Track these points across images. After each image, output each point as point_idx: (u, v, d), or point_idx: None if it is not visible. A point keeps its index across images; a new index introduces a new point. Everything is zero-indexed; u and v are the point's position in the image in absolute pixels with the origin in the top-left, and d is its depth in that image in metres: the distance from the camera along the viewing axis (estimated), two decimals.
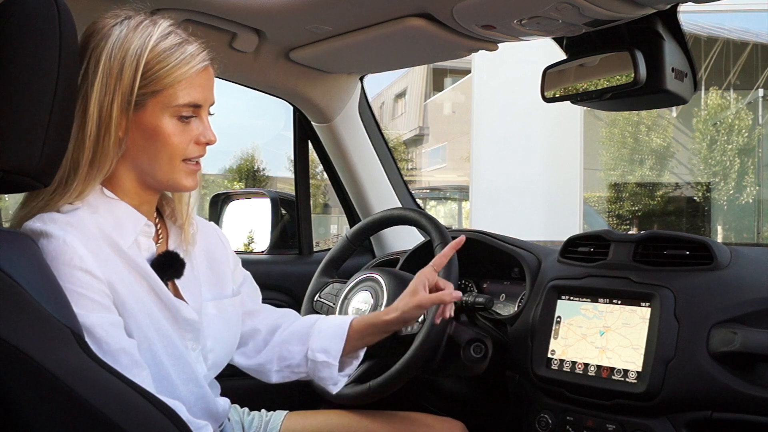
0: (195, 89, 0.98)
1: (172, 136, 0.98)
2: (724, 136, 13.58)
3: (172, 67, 0.96)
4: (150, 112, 0.97)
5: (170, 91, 0.96)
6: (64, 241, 0.89)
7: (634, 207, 14.66)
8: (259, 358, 1.22)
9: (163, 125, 0.97)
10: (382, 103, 24.12)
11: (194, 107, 0.99)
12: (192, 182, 1.02)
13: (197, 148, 1.01)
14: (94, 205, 0.97)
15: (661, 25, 1.22)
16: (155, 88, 0.96)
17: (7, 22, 0.76)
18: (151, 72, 0.95)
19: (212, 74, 1.03)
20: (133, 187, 1.01)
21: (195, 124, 1.00)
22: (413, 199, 2.04)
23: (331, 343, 1.19)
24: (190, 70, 0.97)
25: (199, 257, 1.12)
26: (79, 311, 0.85)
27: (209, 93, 1.01)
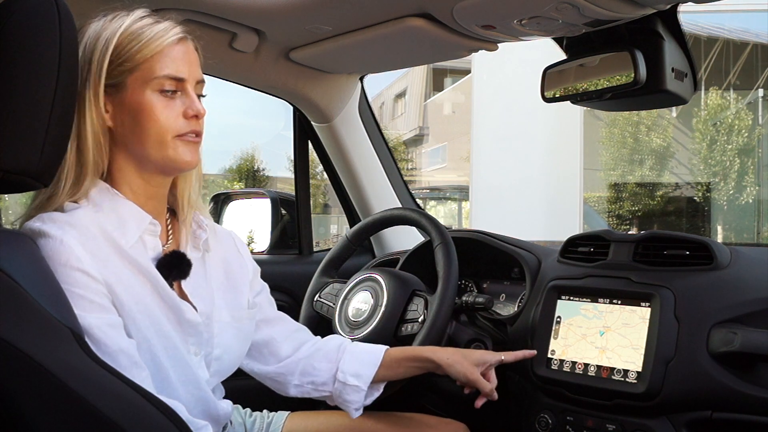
0: (172, 61, 0.97)
1: (156, 111, 0.96)
2: (724, 136, 13.59)
3: (145, 41, 0.96)
4: (131, 90, 0.96)
5: (146, 65, 0.96)
6: (62, 242, 0.89)
7: (634, 207, 14.66)
8: (279, 367, 1.21)
9: (145, 101, 0.96)
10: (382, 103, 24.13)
11: (176, 80, 0.97)
12: (190, 156, 0.99)
13: (187, 122, 0.98)
14: (98, 203, 0.97)
15: (661, 25, 1.22)
16: (131, 65, 0.96)
17: (7, 22, 0.76)
18: (124, 51, 0.96)
19: (191, 49, 1.01)
20: (135, 179, 1.00)
21: (181, 99, 0.98)
22: (413, 199, 2.04)
23: (364, 369, 1.19)
24: (163, 42, 0.96)
25: (215, 264, 1.11)
26: (78, 312, 0.84)
27: (190, 67, 0.99)
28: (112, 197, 0.98)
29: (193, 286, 1.04)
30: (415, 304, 1.36)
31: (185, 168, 1.01)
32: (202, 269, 1.08)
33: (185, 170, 1.02)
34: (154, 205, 1.02)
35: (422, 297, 1.35)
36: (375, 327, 1.35)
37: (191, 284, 1.04)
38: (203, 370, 1.04)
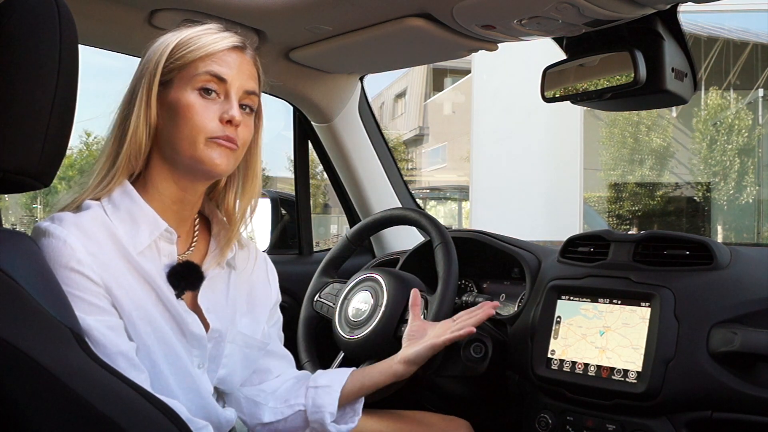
0: (218, 63, 0.98)
1: (192, 110, 0.96)
2: (724, 136, 13.58)
3: (199, 44, 0.98)
4: (175, 88, 0.98)
5: (194, 64, 0.97)
6: (64, 242, 0.89)
7: (634, 207, 14.66)
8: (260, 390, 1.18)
9: (184, 98, 0.97)
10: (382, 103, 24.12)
11: (218, 80, 0.97)
12: (219, 159, 0.97)
13: (221, 126, 0.97)
14: (117, 203, 0.97)
15: (661, 25, 1.22)
16: (181, 63, 0.97)
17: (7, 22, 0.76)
18: (179, 51, 0.98)
19: (246, 59, 1.01)
20: (165, 181, 1.00)
21: (220, 104, 0.98)
22: (413, 199, 2.04)
23: (336, 375, 1.18)
24: (216, 45, 0.98)
25: (240, 285, 1.10)
26: (77, 313, 0.84)
27: (237, 73, 0.99)
28: (131, 200, 0.98)
29: (212, 302, 1.04)
30: None
31: (214, 171, 0.99)
32: (224, 286, 1.07)
33: (215, 174, 1.00)
34: (177, 210, 1.02)
35: (422, 297, 1.35)
36: (375, 327, 1.35)
37: (210, 300, 1.04)
38: (206, 383, 1.03)
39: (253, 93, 1.02)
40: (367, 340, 1.35)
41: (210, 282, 1.04)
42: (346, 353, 1.43)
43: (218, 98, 0.98)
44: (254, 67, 1.03)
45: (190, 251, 1.05)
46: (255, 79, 1.03)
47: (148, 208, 0.98)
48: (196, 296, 1.02)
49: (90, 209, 0.95)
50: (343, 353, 1.45)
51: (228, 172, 1.01)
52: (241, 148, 1.00)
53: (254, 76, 1.03)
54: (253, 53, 1.05)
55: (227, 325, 1.05)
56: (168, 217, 1.00)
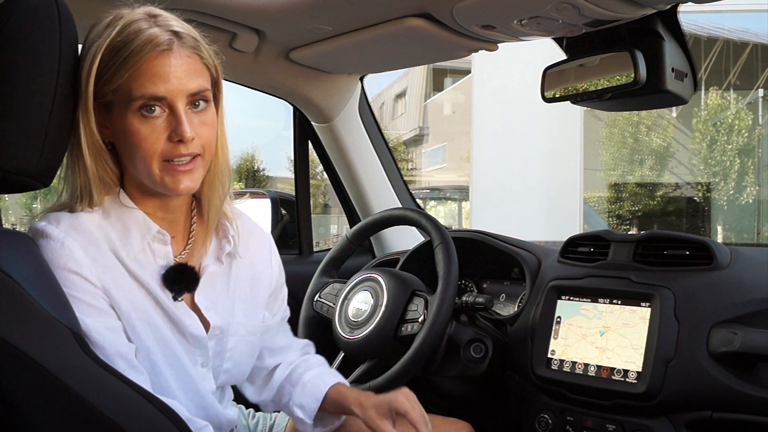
0: (149, 80, 0.88)
1: (138, 136, 0.89)
2: (724, 136, 13.58)
3: (123, 59, 0.88)
4: (117, 111, 0.91)
5: (125, 85, 0.88)
6: (63, 244, 0.88)
7: (634, 207, 14.66)
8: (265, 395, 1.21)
9: (127, 124, 0.90)
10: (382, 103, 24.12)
11: (156, 100, 0.89)
12: (179, 184, 0.92)
13: (173, 146, 0.91)
14: (107, 210, 0.95)
15: (661, 25, 1.22)
16: (113, 86, 0.89)
17: (7, 22, 0.76)
18: (106, 69, 0.89)
19: (179, 57, 0.90)
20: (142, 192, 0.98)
21: (167, 120, 0.90)
22: (413, 199, 2.04)
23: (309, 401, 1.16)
24: (141, 59, 0.88)
25: (241, 273, 1.08)
26: (76, 314, 0.84)
27: (174, 80, 0.89)
28: (120, 206, 0.96)
29: (211, 300, 1.03)
30: (415, 304, 1.35)
31: (180, 194, 0.95)
32: (224, 280, 1.06)
33: (179, 195, 0.96)
34: (164, 214, 1.00)
35: (422, 297, 1.35)
36: (375, 327, 1.35)
37: (209, 298, 1.03)
38: (209, 381, 1.03)
39: (200, 92, 0.92)
40: (367, 340, 1.35)
41: (209, 278, 1.03)
42: (346, 353, 1.43)
43: (163, 111, 0.90)
44: (192, 56, 0.92)
45: (186, 251, 1.03)
46: (198, 72, 0.93)
47: (137, 211, 0.97)
48: (194, 295, 1.02)
49: (86, 213, 0.94)
50: (343, 353, 1.44)
51: (194, 189, 0.96)
52: (206, 152, 0.95)
53: (196, 70, 0.92)
54: (184, 37, 0.92)
55: (227, 320, 1.04)
56: (158, 220, 0.98)
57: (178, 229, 1.03)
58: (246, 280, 1.09)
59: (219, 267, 1.05)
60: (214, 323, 1.02)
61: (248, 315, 1.08)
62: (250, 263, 1.11)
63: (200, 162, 0.95)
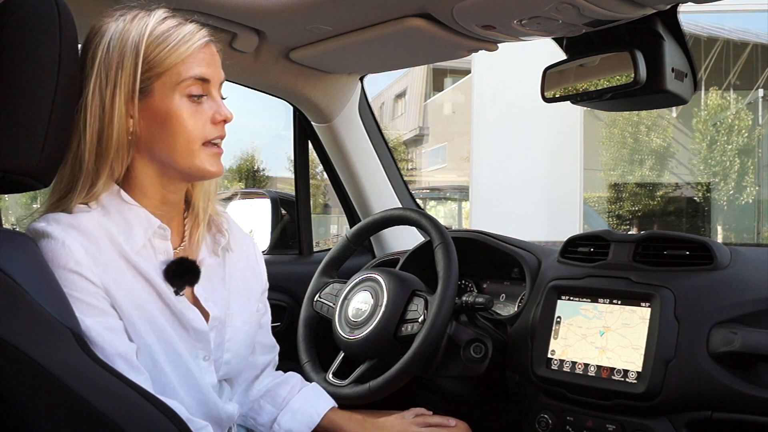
0: (199, 64, 0.97)
1: (186, 117, 0.95)
2: (724, 136, 13.59)
3: (172, 46, 0.95)
4: (158, 96, 0.95)
5: (174, 69, 0.95)
6: (63, 244, 0.89)
7: (634, 207, 14.66)
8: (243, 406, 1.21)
9: (174, 107, 0.95)
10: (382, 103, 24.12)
11: (202, 82, 0.97)
12: (216, 167, 0.99)
13: (215, 128, 0.98)
14: (107, 207, 0.96)
15: (661, 25, 1.22)
16: (159, 70, 0.95)
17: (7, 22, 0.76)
18: (152, 55, 0.94)
19: (215, 52, 1.01)
20: (152, 184, 0.99)
21: (208, 104, 0.98)
22: (413, 199, 2.04)
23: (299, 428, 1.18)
24: (191, 46, 0.96)
25: (235, 267, 1.11)
26: (77, 315, 0.84)
27: (215, 69, 1.00)
28: (120, 202, 0.97)
29: (209, 291, 1.04)
30: (415, 304, 1.35)
31: (210, 177, 1.01)
32: (220, 273, 1.08)
33: (210, 179, 1.02)
34: (166, 209, 1.02)
35: (422, 297, 1.35)
36: (375, 327, 1.35)
37: (207, 289, 1.04)
38: (211, 375, 1.03)
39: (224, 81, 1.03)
40: (367, 340, 1.35)
41: (206, 270, 1.05)
42: (346, 353, 1.43)
43: (204, 99, 0.98)
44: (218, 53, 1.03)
45: (183, 245, 1.05)
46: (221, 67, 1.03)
47: (138, 207, 0.98)
48: (193, 288, 1.03)
49: (85, 212, 0.94)
50: (343, 353, 1.45)
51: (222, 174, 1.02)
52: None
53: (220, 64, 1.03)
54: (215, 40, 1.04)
55: (225, 311, 1.06)
56: (157, 215, 1.00)
57: (174, 225, 1.05)
58: (240, 273, 1.12)
59: (215, 260, 1.07)
60: (213, 314, 1.03)
61: (243, 306, 1.10)
62: (243, 257, 1.14)
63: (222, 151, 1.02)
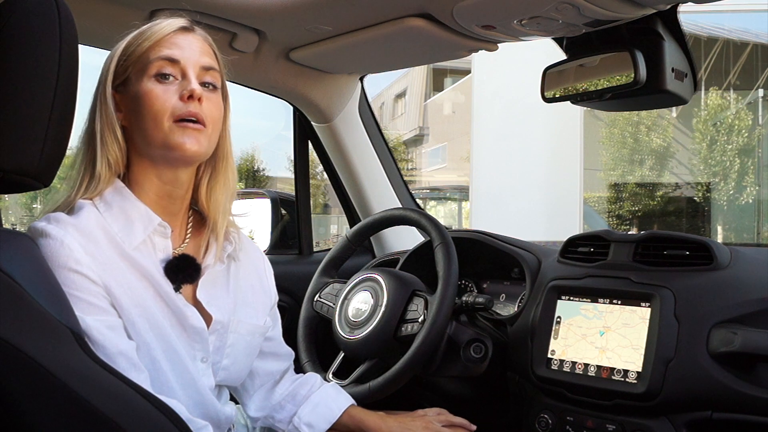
0: (167, 46, 0.98)
1: (152, 95, 0.96)
2: (724, 136, 13.58)
3: (146, 35, 0.99)
4: (133, 82, 0.98)
5: (144, 55, 0.98)
6: (62, 243, 0.89)
7: (634, 207, 14.66)
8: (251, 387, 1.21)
9: (143, 89, 0.97)
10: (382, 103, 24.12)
11: (170, 62, 0.97)
12: (189, 142, 0.97)
13: (184, 104, 0.97)
14: (109, 202, 0.97)
15: (661, 25, 1.22)
16: (133, 59, 0.98)
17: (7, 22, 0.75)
18: (129, 48, 0.99)
19: (196, 38, 1.02)
20: (148, 178, 1.00)
21: (179, 84, 0.98)
22: (413, 199, 2.04)
23: (319, 422, 1.18)
24: (162, 32, 0.98)
25: (242, 278, 1.11)
26: (77, 313, 0.84)
27: (189, 52, 0.99)
28: (122, 197, 0.98)
29: (212, 296, 1.04)
30: (415, 304, 1.36)
31: (187, 155, 0.98)
32: (225, 280, 1.08)
33: (188, 158, 0.99)
34: (165, 205, 1.02)
35: (422, 297, 1.35)
36: (375, 327, 1.35)
37: (210, 294, 1.04)
38: (209, 377, 1.03)
39: (210, 68, 1.01)
40: (367, 340, 1.35)
41: (210, 277, 1.05)
42: (346, 353, 1.43)
43: (176, 80, 0.98)
44: (206, 44, 1.03)
45: (184, 245, 1.05)
46: (210, 55, 1.02)
47: (140, 204, 0.99)
48: (195, 291, 1.03)
49: (84, 209, 0.95)
50: (343, 353, 1.45)
51: (202, 154, 1.00)
52: (210, 126, 1.00)
53: (208, 53, 1.02)
54: (204, 33, 1.04)
55: (229, 316, 1.05)
56: (158, 213, 1.00)
57: (176, 223, 1.05)
58: (247, 284, 1.12)
59: (220, 267, 1.07)
60: (216, 318, 1.03)
61: (249, 317, 1.10)
62: (254, 270, 1.14)
63: (206, 132, 0.99)
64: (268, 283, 1.19)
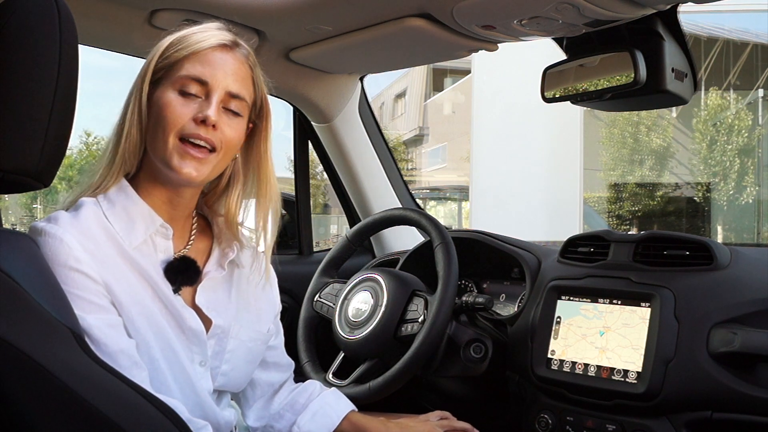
0: (201, 63, 0.96)
1: (169, 107, 0.95)
2: (724, 136, 13.59)
3: (186, 43, 0.97)
4: (161, 87, 0.97)
5: (179, 64, 0.97)
6: (62, 241, 0.89)
7: (634, 207, 14.66)
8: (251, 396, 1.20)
9: (165, 96, 0.96)
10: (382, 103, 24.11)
11: (199, 83, 0.96)
12: (186, 169, 0.95)
13: (194, 126, 0.95)
14: (112, 200, 0.98)
15: (661, 25, 1.22)
16: (169, 62, 0.97)
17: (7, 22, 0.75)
18: (169, 50, 0.98)
19: (235, 59, 0.99)
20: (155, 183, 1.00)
21: (200, 105, 0.96)
22: (413, 199, 2.04)
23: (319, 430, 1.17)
24: (202, 44, 0.97)
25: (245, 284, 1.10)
26: (77, 312, 0.84)
27: (221, 74, 0.97)
28: (126, 196, 0.98)
29: (212, 301, 1.04)
30: (415, 304, 1.36)
31: (183, 180, 0.97)
32: (227, 286, 1.08)
33: (185, 183, 0.99)
34: (168, 208, 1.02)
35: (422, 297, 1.35)
36: (375, 327, 1.35)
37: (210, 299, 1.04)
38: (207, 381, 1.03)
39: (237, 96, 0.99)
40: (367, 340, 1.35)
41: (211, 282, 1.05)
42: (346, 353, 1.43)
43: (199, 98, 0.97)
44: (245, 66, 1.01)
45: (186, 249, 1.05)
46: (243, 80, 1.00)
47: (143, 203, 0.99)
48: (194, 297, 1.03)
49: (85, 206, 0.95)
50: (343, 353, 1.45)
51: (200, 181, 0.98)
52: (221, 151, 0.98)
53: (242, 77, 1.00)
54: (247, 52, 1.02)
55: (230, 322, 1.05)
56: (161, 215, 1.00)
57: (179, 226, 1.04)
58: (250, 291, 1.11)
59: (221, 273, 1.07)
60: (216, 322, 1.03)
61: (251, 323, 1.09)
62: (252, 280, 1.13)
63: (213, 158, 0.98)
64: (272, 291, 1.18)
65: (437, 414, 1.30)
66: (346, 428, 1.18)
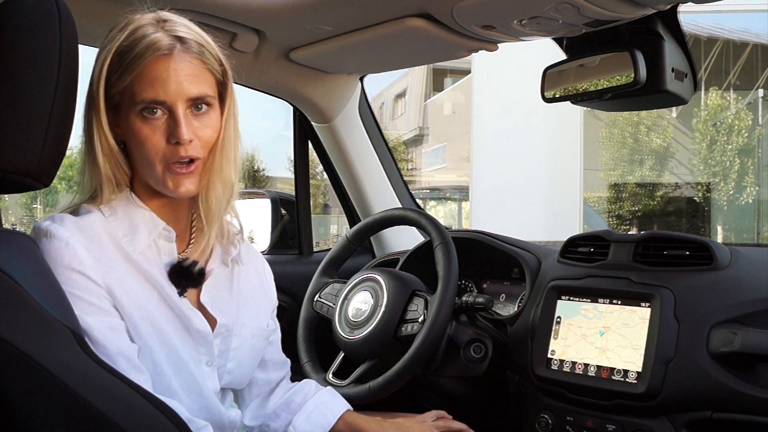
0: (151, 84, 0.91)
1: (140, 137, 0.93)
2: (724, 136, 13.59)
3: (127, 63, 0.92)
4: (124, 113, 0.94)
5: (129, 89, 0.92)
6: (66, 243, 0.89)
7: (634, 207, 14.66)
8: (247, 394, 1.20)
9: (131, 125, 0.93)
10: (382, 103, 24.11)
11: (156, 104, 0.92)
12: (182, 187, 0.95)
13: (172, 149, 0.93)
14: (115, 208, 0.97)
15: (661, 26, 1.22)
16: (120, 88, 0.93)
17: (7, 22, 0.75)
18: (113, 73, 0.93)
19: (180, 60, 0.93)
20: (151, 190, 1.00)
21: (167, 122, 0.93)
22: (413, 199, 2.04)
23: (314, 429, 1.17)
24: (141, 64, 0.91)
25: (245, 280, 1.11)
26: (78, 314, 0.84)
27: (173, 85, 0.92)
28: (128, 203, 0.98)
29: (215, 299, 1.04)
30: (415, 304, 1.36)
31: (181, 197, 0.98)
32: (228, 284, 1.08)
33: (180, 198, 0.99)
34: (168, 212, 1.02)
35: (422, 297, 1.35)
36: (375, 327, 1.35)
37: (213, 297, 1.04)
38: (213, 381, 1.03)
39: (199, 97, 0.94)
40: (367, 340, 1.35)
41: (214, 280, 1.05)
42: (346, 353, 1.43)
43: (164, 114, 0.93)
44: (194, 61, 0.94)
45: (188, 249, 1.05)
46: (198, 77, 0.94)
47: (144, 208, 0.99)
48: (199, 295, 1.03)
49: (89, 213, 0.95)
50: (343, 353, 1.45)
51: (195, 192, 0.98)
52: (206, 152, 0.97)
53: (195, 75, 0.94)
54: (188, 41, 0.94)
55: (233, 320, 1.06)
56: (162, 218, 1.00)
57: (180, 227, 1.05)
58: (249, 287, 1.12)
59: (223, 270, 1.07)
60: (220, 321, 1.03)
61: (252, 320, 1.10)
62: (255, 275, 1.14)
63: (200, 165, 0.97)
64: (269, 286, 1.19)
65: (434, 414, 1.30)
66: (341, 428, 1.18)
